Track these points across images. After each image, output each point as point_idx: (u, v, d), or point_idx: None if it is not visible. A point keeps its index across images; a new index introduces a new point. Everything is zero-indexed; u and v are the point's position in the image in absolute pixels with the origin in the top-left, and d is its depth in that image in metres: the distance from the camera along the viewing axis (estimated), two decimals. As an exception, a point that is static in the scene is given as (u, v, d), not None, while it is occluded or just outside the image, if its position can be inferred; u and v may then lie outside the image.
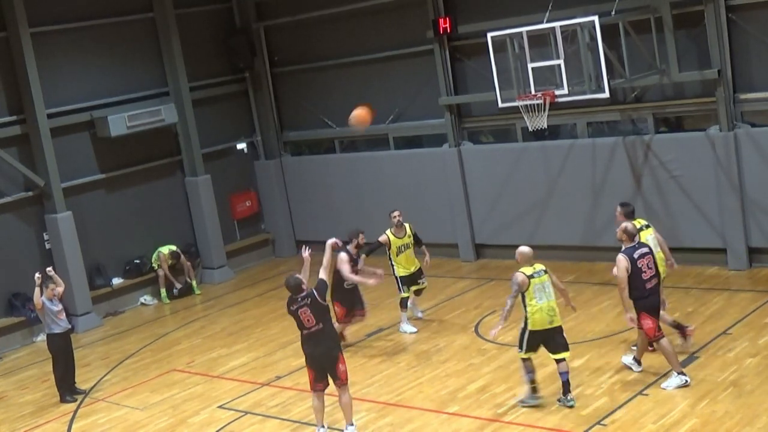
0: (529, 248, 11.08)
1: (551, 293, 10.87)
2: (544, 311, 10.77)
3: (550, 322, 10.81)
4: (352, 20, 19.31)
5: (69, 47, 18.43)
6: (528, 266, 10.92)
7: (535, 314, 10.76)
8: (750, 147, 14.80)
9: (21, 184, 17.74)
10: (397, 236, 14.51)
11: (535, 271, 10.86)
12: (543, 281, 10.84)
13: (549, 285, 10.89)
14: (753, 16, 14.61)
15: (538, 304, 10.75)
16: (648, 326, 11.00)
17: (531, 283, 10.76)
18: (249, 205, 21.26)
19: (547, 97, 14.48)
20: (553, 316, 10.83)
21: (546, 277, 10.89)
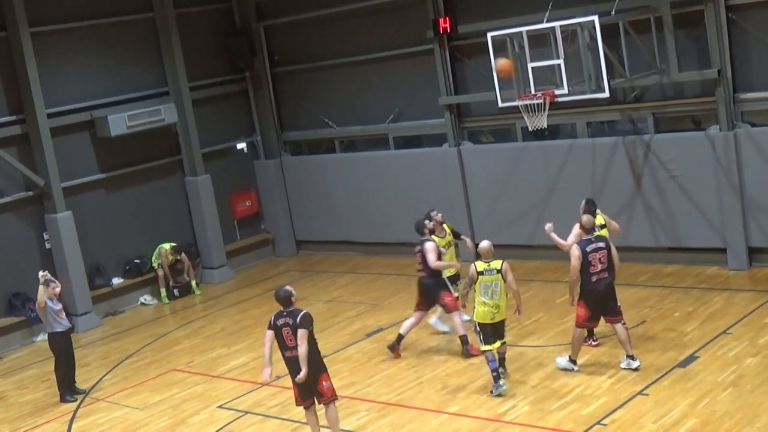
0: (488, 243, 11.70)
1: (499, 293, 11.48)
2: (488, 306, 11.49)
3: (492, 317, 11.52)
4: (352, 20, 19.31)
5: (69, 47, 18.44)
6: (484, 261, 11.53)
7: (478, 307, 11.56)
8: (750, 147, 14.80)
9: (21, 183, 17.74)
10: (440, 236, 13.99)
11: (487, 269, 11.49)
12: (492, 280, 11.44)
13: (498, 285, 11.47)
14: (753, 16, 14.62)
15: (482, 299, 11.51)
16: (579, 313, 11.73)
17: (479, 279, 11.46)
18: (249, 205, 21.26)
19: (547, 97, 14.48)
20: (495, 312, 11.52)
21: (497, 277, 11.45)
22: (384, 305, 16.28)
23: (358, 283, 18.17)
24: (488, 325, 11.55)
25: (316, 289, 18.27)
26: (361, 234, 20.11)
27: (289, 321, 10.37)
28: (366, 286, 17.85)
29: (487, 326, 11.56)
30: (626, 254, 16.05)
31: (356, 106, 19.83)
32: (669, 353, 12.13)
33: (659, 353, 12.17)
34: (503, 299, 11.58)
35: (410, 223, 19.52)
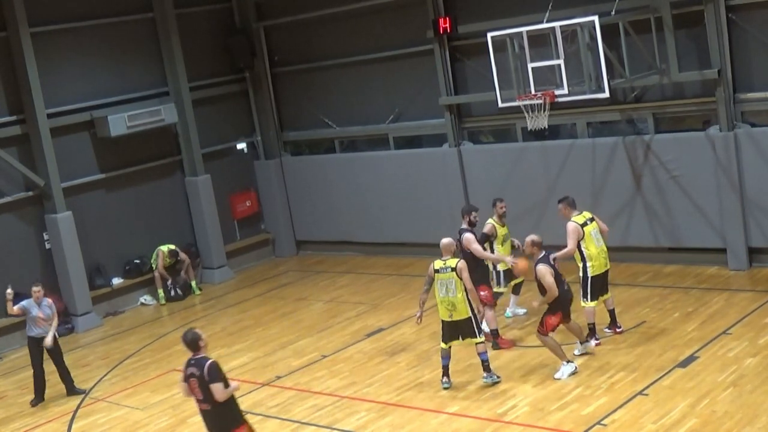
0: (449, 240, 12.03)
1: (453, 290, 11.65)
2: (443, 304, 11.76)
3: (450, 315, 11.75)
4: (352, 20, 19.31)
5: (69, 47, 18.44)
6: (442, 259, 11.81)
7: (438, 305, 11.86)
8: (750, 147, 14.80)
9: (21, 184, 17.75)
10: (501, 225, 14.00)
11: (443, 267, 11.76)
12: (446, 278, 11.68)
13: (453, 282, 11.65)
14: (753, 16, 14.61)
15: (439, 296, 11.79)
16: (551, 322, 11.90)
17: (436, 277, 11.78)
18: (249, 205, 21.26)
19: (547, 97, 14.49)
20: (452, 310, 11.71)
21: (451, 275, 11.67)
22: (384, 305, 16.28)
23: (358, 283, 18.17)
24: (446, 322, 11.83)
25: (316, 289, 18.28)
26: (361, 234, 20.11)
27: (196, 372, 9.18)
28: (366, 286, 17.85)
29: (445, 324, 11.86)
30: (626, 254, 16.13)
31: (356, 106, 19.83)
32: (669, 353, 12.13)
33: (659, 353, 12.18)
34: (460, 297, 11.68)
35: (410, 223, 19.63)
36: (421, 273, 17.77)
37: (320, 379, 13.20)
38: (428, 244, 18.85)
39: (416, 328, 14.75)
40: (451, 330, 11.86)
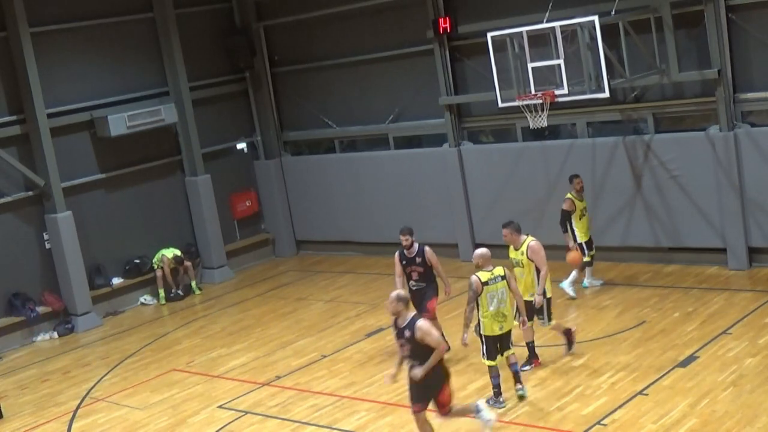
0: (486, 250, 11.15)
1: (505, 300, 10.98)
2: (495, 318, 10.94)
3: (500, 328, 11.01)
4: (352, 20, 19.31)
5: (69, 47, 18.43)
6: (486, 270, 10.97)
7: (485, 319, 10.95)
8: (750, 147, 14.80)
9: (21, 183, 17.74)
10: (579, 200, 14.84)
11: (492, 277, 10.93)
12: (497, 289, 10.92)
13: (504, 292, 10.97)
14: (753, 16, 14.61)
15: (489, 311, 10.92)
16: None
17: (485, 289, 10.88)
18: (249, 205, 21.26)
19: (547, 97, 14.48)
20: (503, 322, 11.00)
21: (503, 284, 10.97)
22: (384, 305, 16.25)
23: (358, 283, 18.17)
24: (495, 337, 11.04)
25: (316, 289, 18.28)
26: (361, 234, 20.11)
27: None
28: (366, 286, 17.85)
29: (492, 339, 11.04)
30: (626, 254, 16.15)
31: (356, 106, 19.83)
32: (669, 353, 12.13)
33: (659, 353, 12.18)
34: (509, 307, 11.11)
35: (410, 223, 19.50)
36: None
37: (320, 378, 13.20)
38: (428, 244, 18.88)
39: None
40: (500, 343, 11.09)
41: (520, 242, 12.00)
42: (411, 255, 12.78)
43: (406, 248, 12.82)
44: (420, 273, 12.77)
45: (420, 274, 12.78)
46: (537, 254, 11.86)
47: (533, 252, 11.87)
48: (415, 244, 12.84)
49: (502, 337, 11.06)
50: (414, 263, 12.79)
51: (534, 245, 11.90)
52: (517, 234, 11.98)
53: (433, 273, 12.85)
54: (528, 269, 11.95)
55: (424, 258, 12.75)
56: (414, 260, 12.79)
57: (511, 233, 11.97)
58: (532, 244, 11.90)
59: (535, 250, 11.87)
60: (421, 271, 12.77)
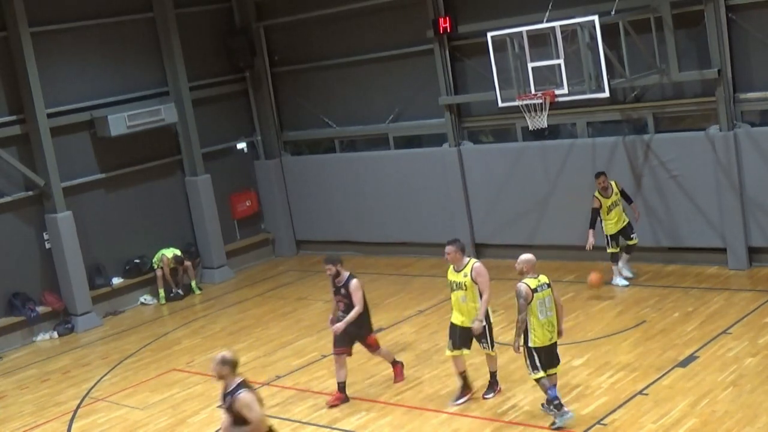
0: (532, 256, 10.54)
1: (553, 308, 10.40)
2: (545, 327, 10.33)
3: (550, 339, 10.41)
4: (352, 20, 19.31)
5: (69, 47, 18.43)
6: (533, 277, 10.39)
7: (536, 330, 10.32)
8: (750, 147, 14.80)
9: (21, 183, 17.74)
10: (604, 196, 15.00)
11: (540, 285, 10.34)
12: (545, 296, 10.35)
13: (551, 300, 10.40)
14: (753, 16, 14.62)
15: (540, 320, 10.30)
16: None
17: (534, 297, 10.26)
18: (249, 205, 21.26)
19: (547, 97, 14.48)
20: (552, 332, 10.41)
21: (549, 291, 10.41)
22: (384, 305, 16.27)
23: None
24: (546, 347, 10.38)
25: (316, 289, 18.26)
26: (361, 234, 20.11)
27: None
28: (366, 286, 17.66)
29: (543, 350, 10.37)
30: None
31: (356, 106, 19.82)
32: (669, 353, 12.13)
33: (659, 353, 12.18)
34: (555, 316, 10.47)
35: (410, 223, 19.61)
36: (421, 273, 17.92)
37: (320, 378, 13.20)
38: (428, 244, 18.93)
39: (416, 328, 14.80)
40: (550, 354, 10.46)
41: (464, 263, 11.17)
42: (338, 284, 11.97)
43: (332, 277, 12.02)
44: (346, 304, 11.89)
45: (346, 306, 11.88)
46: (483, 276, 11.07)
47: (479, 274, 11.05)
48: (344, 273, 11.95)
49: (550, 348, 10.43)
50: (340, 293, 11.98)
51: (479, 267, 11.09)
52: (462, 254, 11.19)
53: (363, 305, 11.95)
54: (471, 293, 11.11)
55: (348, 290, 11.89)
56: (340, 290, 11.97)
57: (455, 252, 11.14)
58: (477, 266, 11.09)
59: (480, 273, 11.06)
60: (347, 302, 11.87)
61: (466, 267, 11.15)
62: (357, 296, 11.87)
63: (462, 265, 11.19)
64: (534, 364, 10.40)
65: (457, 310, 11.32)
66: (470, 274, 11.09)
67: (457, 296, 11.25)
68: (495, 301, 15.39)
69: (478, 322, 11.11)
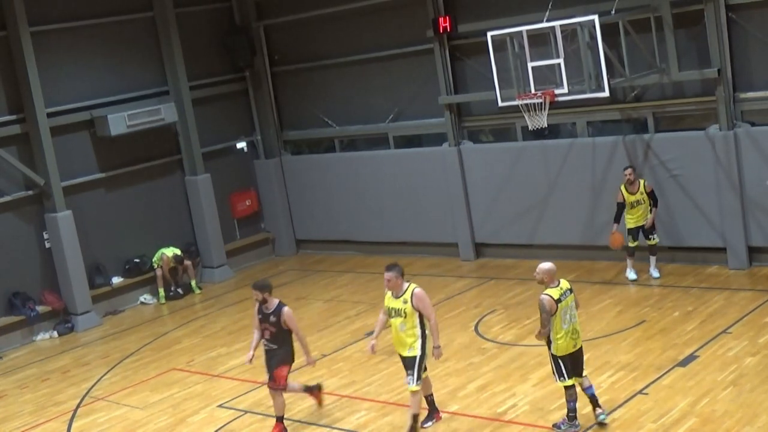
0: (552, 264, 10.18)
1: (575, 314, 10.15)
2: (569, 335, 10.03)
3: (574, 345, 10.12)
4: (352, 19, 19.31)
5: (69, 47, 18.43)
6: (554, 287, 10.06)
7: (559, 340, 10.02)
8: (750, 146, 14.80)
9: (21, 183, 17.74)
10: (629, 192, 14.99)
11: (562, 293, 10.02)
12: (568, 304, 10.06)
13: (573, 306, 10.14)
14: (753, 15, 14.62)
15: (563, 328, 9.99)
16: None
17: (558, 308, 9.94)
18: (249, 205, 21.26)
19: (547, 96, 14.47)
20: (577, 338, 10.13)
21: (572, 297, 10.14)
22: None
23: (357, 283, 18.16)
24: (570, 355, 10.09)
25: (316, 288, 18.28)
26: (361, 234, 20.11)
27: None
28: (366, 286, 17.85)
29: (569, 357, 10.09)
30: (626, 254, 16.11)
31: (356, 106, 19.82)
32: (669, 352, 12.13)
33: (659, 352, 12.18)
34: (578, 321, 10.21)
35: (410, 222, 19.61)
36: (421, 272, 17.89)
37: (320, 378, 13.18)
38: (428, 244, 18.95)
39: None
40: (575, 361, 10.14)
41: (403, 289, 10.44)
42: (266, 311, 11.21)
43: (261, 303, 11.27)
44: (272, 333, 11.16)
45: (272, 335, 11.16)
46: (424, 302, 10.37)
47: (420, 300, 10.35)
48: (274, 300, 11.24)
49: (576, 353, 10.14)
50: (268, 321, 11.18)
51: (420, 293, 10.38)
52: (401, 279, 10.47)
53: (290, 336, 11.30)
54: (410, 320, 10.38)
55: (279, 318, 11.12)
56: (268, 318, 11.18)
57: (396, 278, 10.43)
58: (418, 292, 10.38)
59: (421, 298, 10.36)
60: (274, 331, 11.14)
61: (406, 293, 10.42)
62: (293, 326, 11.19)
63: (401, 290, 10.46)
64: (560, 371, 10.12)
65: (395, 339, 10.61)
66: (410, 301, 10.35)
67: (395, 324, 10.51)
68: (496, 300, 15.55)
69: (437, 350, 10.49)
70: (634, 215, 15.10)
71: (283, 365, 11.27)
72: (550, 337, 10.02)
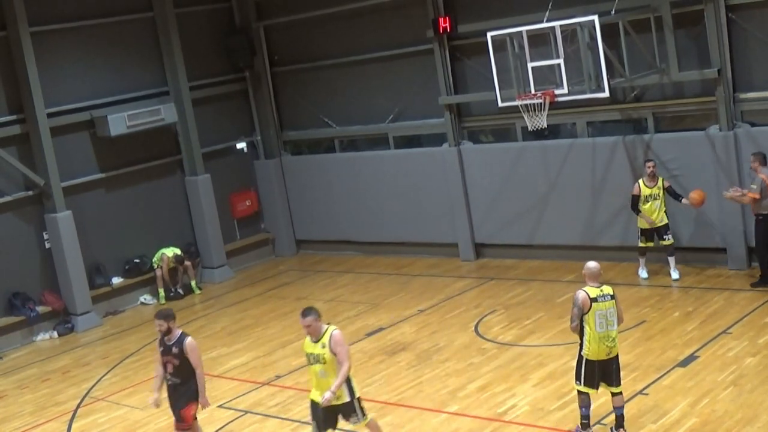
0: (596, 264, 9.88)
1: (614, 322, 9.75)
2: (603, 341, 9.69)
3: (608, 353, 9.77)
4: (352, 20, 19.31)
5: (69, 47, 18.42)
6: (594, 286, 9.79)
7: (591, 342, 9.71)
8: (750, 146, 14.78)
9: (21, 183, 17.74)
10: (647, 185, 14.99)
11: (601, 295, 9.73)
12: (606, 308, 9.71)
13: (613, 313, 9.75)
14: (753, 15, 14.61)
15: (597, 332, 9.67)
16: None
17: (593, 307, 9.67)
18: (249, 205, 21.26)
19: (547, 97, 14.48)
20: (612, 346, 9.76)
21: (612, 303, 9.76)
22: (384, 305, 16.28)
23: (358, 283, 18.17)
24: (601, 362, 9.77)
25: (316, 288, 18.28)
26: (361, 234, 20.11)
27: None
28: (366, 286, 17.85)
29: (598, 364, 9.77)
30: (626, 254, 16.13)
31: (356, 106, 19.82)
32: (669, 353, 12.13)
33: (659, 353, 12.18)
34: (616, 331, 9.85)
35: (410, 222, 19.60)
36: (421, 273, 17.92)
37: (320, 378, 13.19)
38: (428, 244, 18.95)
39: (416, 328, 14.79)
40: (604, 370, 9.80)
41: (321, 332, 9.67)
42: (168, 342, 10.48)
43: (163, 334, 10.53)
44: (175, 366, 10.44)
45: (175, 368, 10.45)
46: (341, 346, 9.62)
47: (337, 343, 9.60)
48: (177, 331, 10.53)
49: (607, 363, 9.80)
50: (170, 353, 10.46)
51: (338, 336, 9.67)
52: (320, 321, 9.72)
53: None
54: (331, 366, 9.61)
55: (182, 349, 10.40)
56: (171, 349, 10.46)
57: (314, 321, 9.63)
58: (336, 334, 9.67)
59: (339, 342, 9.63)
60: (177, 364, 10.44)
61: (324, 336, 9.65)
62: (195, 357, 10.47)
63: (320, 334, 9.67)
64: (579, 374, 9.87)
65: (316, 386, 9.78)
66: (329, 345, 9.60)
67: (315, 371, 9.71)
68: (496, 301, 15.52)
69: (330, 393, 9.48)
70: (645, 212, 15.05)
71: (190, 404, 10.63)
72: (583, 338, 9.77)
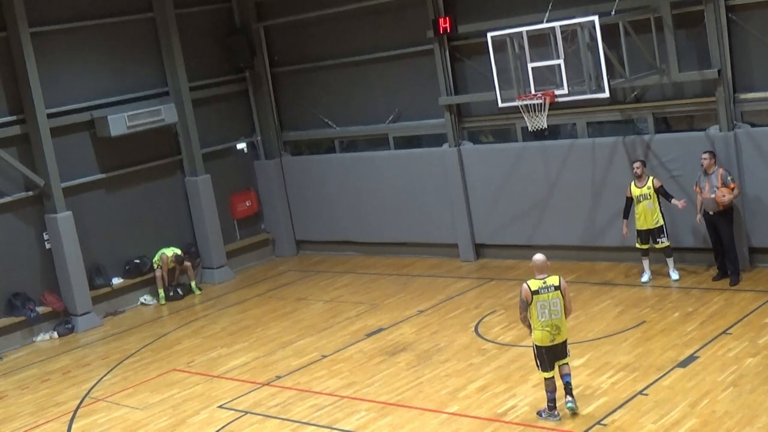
0: (541, 257, 10.55)
1: (558, 311, 10.38)
2: (545, 329, 10.41)
3: (552, 340, 10.45)
4: (352, 20, 19.31)
5: (69, 47, 18.43)
6: (539, 278, 10.45)
7: (536, 330, 10.50)
8: (750, 147, 14.80)
9: (21, 183, 17.74)
10: (637, 186, 15.01)
11: (544, 287, 10.39)
12: (549, 299, 10.36)
13: (557, 303, 10.37)
14: (753, 16, 14.62)
15: (539, 321, 10.42)
16: None
17: (534, 298, 10.37)
18: (249, 205, 21.26)
19: (547, 97, 14.48)
20: (556, 334, 10.44)
21: (555, 293, 10.37)
22: (384, 305, 16.28)
23: (358, 283, 18.17)
24: (547, 347, 10.47)
25: (316, 289, 18.28)
26: (361, 234, 20.11)
27: None
28: (366, 286, 17.85)
29: (544, 349, 10.48)
30: (626, 254, 16.14)
31: (356, 106, 19.83)
32: (669, 353, 12.13)
33: (659, 353, 12.18)
34: (563, 318, 10.46)
35: (410, 223, 19.62)
36: (421, 273, 17.93)
37: (320, 378, 13.21)
38: (428, 244, 18.95)
39: (416, 328, 14.80)
40: (552, 355, 10.53)
41: None
42: None
43: None
44: None
45: None
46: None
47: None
48: None
49: (554, 347, 10.49)
50: None
51: None
52: None
53: None
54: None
55: None
56: None
57: None
58: None
59: None
60: None
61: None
62: None
63: None
64: (538, 364, 10.70)
65: None
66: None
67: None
68: (496, 301, 15.55)
69: None
70: (638, 213, 15.02)
71: None
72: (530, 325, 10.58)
